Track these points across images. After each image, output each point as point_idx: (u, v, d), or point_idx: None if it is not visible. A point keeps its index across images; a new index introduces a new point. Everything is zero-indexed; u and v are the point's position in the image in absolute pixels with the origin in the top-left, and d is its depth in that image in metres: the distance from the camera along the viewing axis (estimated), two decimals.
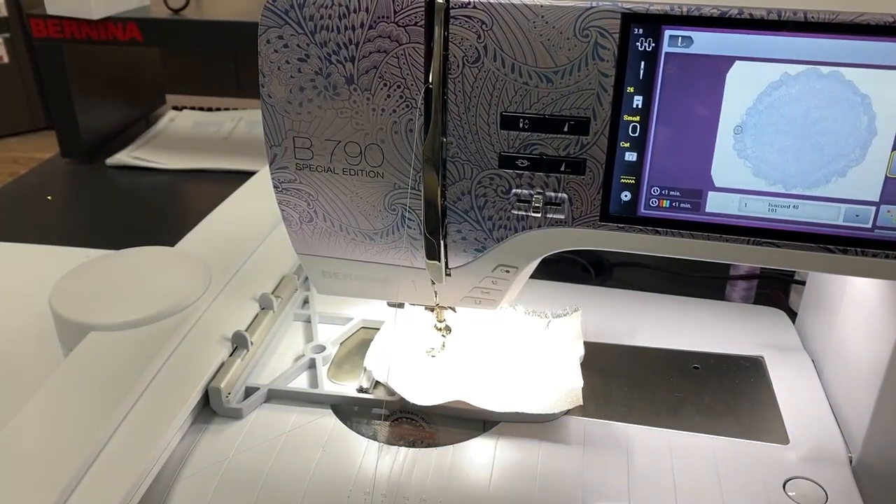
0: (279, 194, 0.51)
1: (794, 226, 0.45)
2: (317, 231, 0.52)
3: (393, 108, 0.46)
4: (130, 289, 0.66)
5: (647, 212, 0.46)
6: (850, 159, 0.43)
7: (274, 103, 0.47)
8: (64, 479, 0.48)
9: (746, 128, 0.43)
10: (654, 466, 0.55)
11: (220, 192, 0.93)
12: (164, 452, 0.53)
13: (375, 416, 0.60)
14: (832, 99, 0.42)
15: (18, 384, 0.63)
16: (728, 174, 0.44)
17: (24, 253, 0.88)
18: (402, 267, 0.52)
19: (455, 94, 0.45)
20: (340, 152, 0.48)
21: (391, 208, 0.49)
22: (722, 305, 0.76)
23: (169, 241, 0.77)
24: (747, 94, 0.43)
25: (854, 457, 0.56)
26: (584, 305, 0.71)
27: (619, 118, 0.44)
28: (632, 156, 0.45)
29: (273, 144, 0.49)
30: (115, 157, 1.20)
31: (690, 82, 0.43)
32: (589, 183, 0.46)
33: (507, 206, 0.48)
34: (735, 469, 0.55)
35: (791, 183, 0.44)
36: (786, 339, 0.69)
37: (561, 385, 0.60)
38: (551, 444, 0.57)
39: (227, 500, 0.52)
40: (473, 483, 0.53)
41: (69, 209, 1.10)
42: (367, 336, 0.68)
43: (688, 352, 0.68)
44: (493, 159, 0.46)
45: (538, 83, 0.44)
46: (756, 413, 0.61)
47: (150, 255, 0.72)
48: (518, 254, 0.50)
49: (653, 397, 0.62)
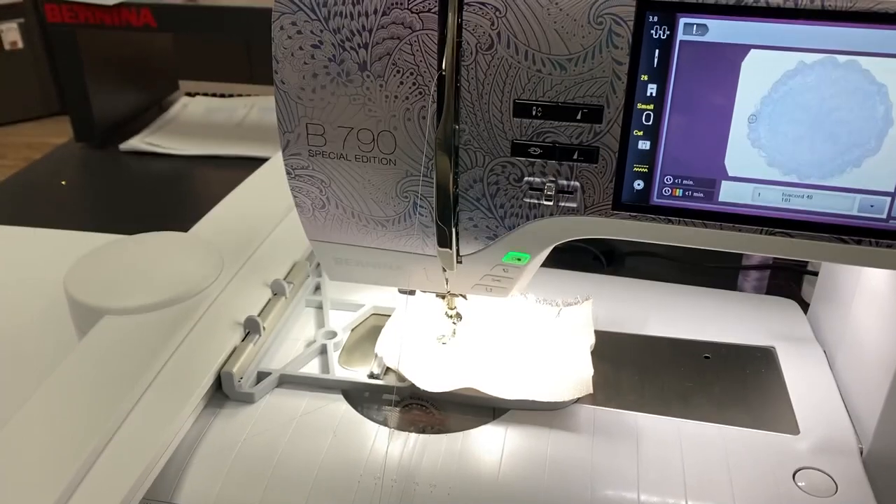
0: (292, 181, 0.51)
1: (808, 216, 0.45)
2: (329, 218, 0.52)
3: (406, 94, 0.46)
4: (144, 273, 0.67)
5: (659, 201, 0.46)
6: (865, 149, 0.42)
7: (287, 89, 0.48)
8: (78, 461, 0.48)
9: (761, 117, 0.43)
10: (664, 455, 0.55)
11: (233, 177, 0.93)
12: (176, 436, 0.54)
13: (386, 402, 0.61)
14: (848, 88, 0.41)
15: (33, 367, 0.64)
16: (742, 163, 0.44)
17: (39, 237, 0.88)
18: (414, 254, 0.52)
19: (468, 82, 0.45)
20: (353, 139, 0.48)
21: (403, 195, 0.49)
22: (734, 295, 0.76)
23: (182, 227, 0.77)
24: (762, 83, 0.42)
25: (864, 448, 0.56)
26: (596, 294, 0.71)
27: (632, 106, 0.44)
28: (645, 144, 0.45)
29: (286, 131, 0.49)
30: (128, 143, 1.20)
31: (705, 70, 0.43)
32: (602, 171, 0.46)
33: (520, 193, 0.48)
34: (745, 459, 0.55)
35: (805, 173, 0.44)
36: (798, 330, 0.69)
37: (571, 373, 0.60)
38: (561, 432, 0.57)
39: (239, 483, 0.53)
40: (483, 470, 0.54)
41: (83, 194, 1.11)
42: (378, 322, 0.68)
43: (699, 341, 0.68)
44: (506, 147, 0.46)
45: (551, 70, 0.44)
46: (767, 403, 0.61)
47: (163, 240, 0.72)
48: (530, 242, 0.50)
49: (663, 386, 0.62)
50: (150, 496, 0.51)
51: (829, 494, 0.52)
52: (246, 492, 0.52)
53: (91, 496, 0.47)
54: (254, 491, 0.52)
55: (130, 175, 1.15)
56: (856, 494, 0.52)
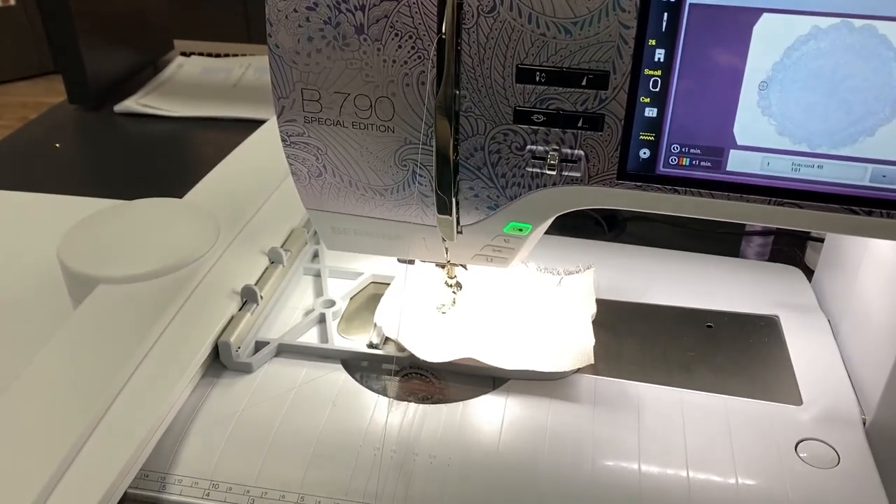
0: (287, 148, 0.50)
1: (818, 186, 0.43)
2: (326, 186, 0.51)
3: (404, 59, 0.44)
4: (139, 241, 0.66)
5: (666, 170, 0.45)
6: (879, 118, 0.41)
7: (281, 54, 0.46)
8: (74, 432, 0.48)
9: (772, 83, 0.41)
10: (665, 426, 0.55)
11: (229, 140, 0.91)
12: (173, 406, 0.53)
13: (385, 372, 0.60)
14: (864, 54, 0.40)
15: (27, 336, 0.63)
16: (751, 132, 0.43)
17: (33, 202, 0.87)
18: (413, 224, 0.51)
19: (469, 46, 0.43)
20: (350, 105, 0.47)
21: (402, 164, 0.48)
22: (737, 263, 0.75)
23: (177, 190, 0.76)
24: (774, 49, 0.41)
25: (868, 419, 0.56)
26: (597, 262, 0.70)
27: (639, 72, 0.42)
28: (652, 111, 0.43)
29: (281, 97, 0.47)
30: (122, 104, 1.18)
31: (715, 35, 0.41)
32: (607, 139, 0.44)
33: (522, 162, 0.46)
34: (747, 429, 0.54)
35: (816, 142, 0.42)
36: (802, 298, 0.68)
37: (572, 343, 0.60)
38: (562, 402, 0.57)
39: (238, 453, 0.52)
40: (483, 440, 0.53)
41: (78, 157, 1.09)
42: (377, 291, 0.68)
43: (701, 310, 0.67)
44: (508, 114, 0.45)
45: (556, 34, 0.42)
46: (769, 373, 0.60)
47: (158, 206, 0.71)
48: (532, 212, 0.48)
49: (665, 356, 0.62)
50: (147, 467, 0.51)
51: (831, 465, 0.52)
52: (244, 462, 0.52)
53: (88, 467, 0.47)
54: (252, 461, 0.52)
55: (125, 137, 1.13)
56: (858, 465, 0.52)
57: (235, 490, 0.50)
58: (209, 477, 0.51)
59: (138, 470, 0.50)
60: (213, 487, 0.51)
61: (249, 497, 0.50)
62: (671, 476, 0.51)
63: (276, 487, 0.50)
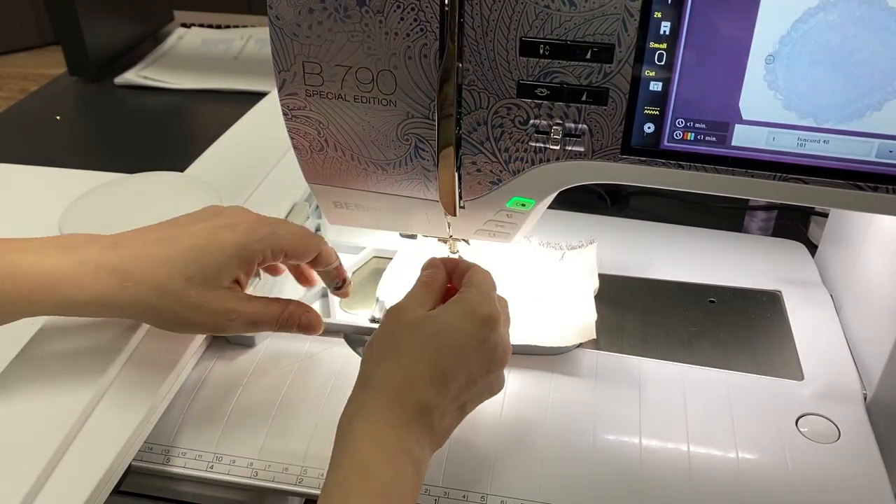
0: (289, 121, 0.49)
1: (824, 161, 0.43)
2: (328, 160, 0.50)
3: (406, 31, 0.44)
4: (141, 215, 0.65)
5: (670, 145, 0.44)
6: (886, 92, 0.41)
7: (282, 25, 0.45)
8: (78, 406, 0.48)
9: (779, 57, 0.41)
10: (667, 400, 0.55)
11: (230, 112, 0.91)
12: (176, 381, 0.54)
13: None
14: (873, 27, 0.39)
15: None
16: (757, 106, 0.42)
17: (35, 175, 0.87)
18: (415, 199, 0.51)
19: (472, 18, 0.43)
20: (351, 78, 0.46)
21: (404, 138, 0.48)
22: (740, 238, 0.75)
23: (178, 163, 0.76)
24: (782, 21, 0.40)
25: (868, 394, 0.56)
26: (600, 236, 0.70)
27: (644, 45, 0.42)
28: (657, 85, 0.43)
29: (282, 69, 0.47)
30: (123, 77, 1.17)
31: (722, 8, 0.40)
32: (611, 114, 0.44)
33: (525, 137, 0.46)
34: (748, 404, 0.55)
35: (823, 116, 0.42)
36: (805, 274, 0.68)
37: (574, 318, 0.60)
38: (563, 377, 0.57)
39: (240, 427, 0.53)
40: (485, 414, 0.54)
41: (78, 130, 1.09)
42: (379, 266, 0.68)
43: (704, 285, 0.67)
44: (511, 88, 0.44)
45: (560, 6, 0.42)
46: (771, 348, 0.60)
47: (160, 180, 0.71)
48: (535, 187, 0.48)
49: (667, 331, 0.62)
50: (151, 440, 0.51)
51: (831, 440, 0.52)
52: (247, 436, 0.52)
53: (93, 441, 0.47)
54: (255, 435, 0.52)
55: (126, 110, 1.12)
56: (858, 441, 0.52)
57: (239, 463, 0.51)
58: (213, 450, 0.51)
59: (143, 443, 0.50)
60: (217, 460, 0.51)
61: (252, 470, 0.50)
62: (672, 450, 0.51)
63: (278, 461, 0.51)
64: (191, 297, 0.48)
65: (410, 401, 0.44)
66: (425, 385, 0.44)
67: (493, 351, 0.48)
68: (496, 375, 0.49)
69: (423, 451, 0.43)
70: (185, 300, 0.48)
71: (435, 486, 0.49)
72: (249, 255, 0.49)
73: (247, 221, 0.50)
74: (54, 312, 0.48)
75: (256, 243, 0.50)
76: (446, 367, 0.45)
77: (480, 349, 0.47)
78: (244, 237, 0.49)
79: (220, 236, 0.49)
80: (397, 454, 0.42)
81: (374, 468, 0.41)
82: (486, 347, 0.47)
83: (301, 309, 0.52)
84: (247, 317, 0.50)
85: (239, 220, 0.50)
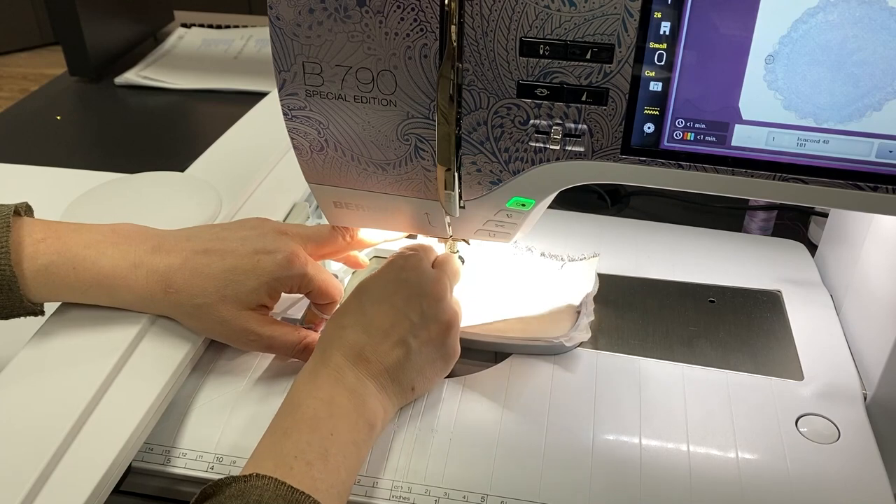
0: (289, 122, 0.49)
1: (824, 161, 0.43)
2: (328, 160, 0.50)
3: (406, 31, 0.44)
4: (142, 215, 0.65)
5: (670, 145, 0.44)
6: (886, 92, 0.41)
7: (282, 26, 0.45)
8: (79, 406, 0.48)
9: (779, 57, 0.41)
10: (667, 400, 0.55)
11: (230, 112, 0.91)
12: (177, 381, 0.54)
13: None
14: (873, 27, 0.39)
15: None
16: (756, 106, 0.42)
17: (35, 175, 0.87)
18: (415, 199, 0.51)
19: (472, 18, 0.43)
20: (352, 78, 0.46)
21: (404, 138, 0.48)
22: (740, 237, 0.75)
23: (178, 163, 0.76)
24: (781, 22, 0.40)
25: (868, 394, 0.56)
26: (599, 236, 0.70)
27: (644, 45, 0.42)
28: (657, 86, 0.43)
29: (282, 69, 0.47)
30: (123, 76, 1.18)
31: (721, 8, 0.40)
32: (611, 114, 0.44)
33: (525, 137, 0.46)
34: (748, 404, 0.55)
35: (823, 116, 0.42)
36: (805, 274, 0.68)
37: (572, 318, 0.60)
38: (563, 377, 0.57)
39: (240, 428, 0.53)
40: (484, 414, 0.54)
41: (79, 130, 1.09)
42: (379, 265, 0.67)
43: (704, 285, 0.67)
44: (511, 88, 0.44)
45: (560, 6, 0.42)
46: (771, 348, 0.60)
47: (160, 180, 0.71)
48: (535, 187, 0.48)
49: (667, 331, 0.62)
50: (151, 440, 0.51)
51: (831, 441, 0.52)
52: (247, 436, 0.52)
53: (93, 441, 0.47)
54: (255, 435, 0.52)
55: (126, 110, 1.13)
56: (858, 441, 0.52)
57: (239, 463, 0.51)
58: (213, 450, 0.51)
59: (143, 443, 0.50)
60: (217, 461, 0.51)
61: None
62: (672, 450, 0.51)
63: None
64: (220, 312, 0.52)
65: (341, 346, 0.50)
66: (352, 329, 0.51)
67: (418, 286, 0.53)
68: (433, 307, 0.53)
69: (363, 381, 0.49)
70: (214, 314, 0.53)
71: (435, 487, 0.49)
72: (280, 286, 0.54)
73: (285, 252, 0.54)
74: (103, 304, 0.54)
75: (289, 279, 0.54)
76: (368, 310, 0.51)
77: (401, 288, 0.52)
78: (280, 270, 0.54)
79: (261, 264, 0.53)
80: (328, 381, 0.48)
81: (304, 394, 0.47)
82: (407, 285, 0.53)
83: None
84: (265, 341, 0.54)
85: (279, 248, 0.54)
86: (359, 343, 0.50)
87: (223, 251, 0.53)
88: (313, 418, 0.46)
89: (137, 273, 0.52)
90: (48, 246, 0.51)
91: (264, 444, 0.46)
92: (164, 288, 0.52)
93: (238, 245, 0.54)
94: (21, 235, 0.50)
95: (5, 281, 0.49)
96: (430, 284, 0.53)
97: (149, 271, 0.52)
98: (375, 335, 0.50)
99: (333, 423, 0.46)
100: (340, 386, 0.48)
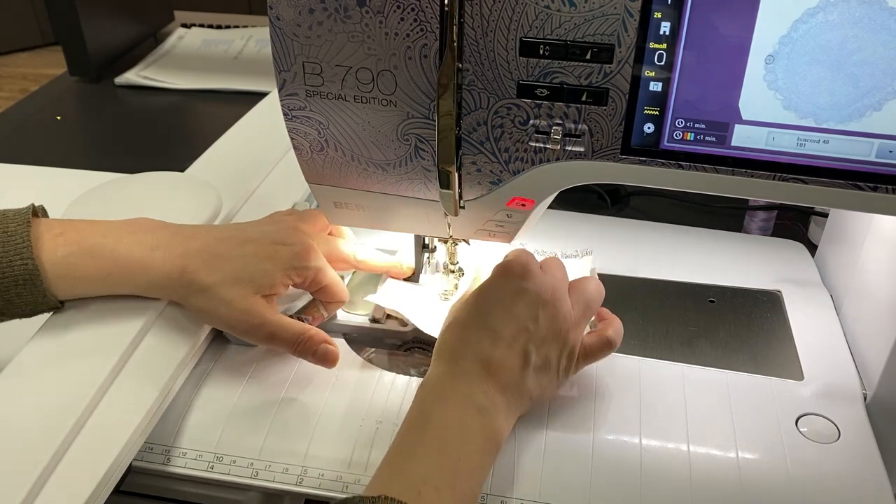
0: (289, 122, 0.49)
1: (824, 161, 0.43)
2: (328, 161, 0.50)
3: (406, 31, 0.44)
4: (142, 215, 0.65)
5: (670, 145, 0.44)
6: (886, 92, 0.41)
7: (282, 26, 0.45)
8: (79, 406, 0.48)
9: (779, 57, 0.41)
10: (667, 400, 0.55)
11: (230, 112, 0.91)
12: (178, 380, 0.54)
13: (388, 346, 0.60)
14: (873, 27, 0.39)
15: None
16: (756, 106, 0.42)
17: (35, 175, 0.87)
18: (415, 199, 0.51)
19: (472, 18, 0.43)
20: (352, 79, 0.46)
21: (404, 138, 0.48)
22: (740, 238, 0.75)
23: (179, 164, 0.76)
24: (781, 22, 0.40)
25: (868, 394, 0.56)
26: (599, 236, 0.70)
27: (644, 45, 0.42)
28: (657, 86, 0.43)
29: (282, 70, 0.47)
30: (123, 77, 1.17)
31: (721, 8, 0.40)
32: (611, 114, 0.44)
33: (525, 137, 0.46)
34: (748, 404, 0.55)
35: (823, 116, 0.42)
36: (805, 274, 0.68)
37: None
38: None
39: (241, 426, 0.53)
40: None
41: (79, 130, 1.09)
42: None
43: (704, 285, 0.67)
44: (511, 88, 0.44)
45: (560, 7, 0.42)
46: (771, 348, 0.60)
47: (160, 180, 0.71)
48: (535, 187, 0.48)
49: (667, 331, 0.62)
50: (152, 440, 0.51)
51: (831, 440, 0.52)
52: (247, 435, 0.52)
53: (93, 440, 0.47)
54: (255, 435, 0.52)
55: (126, 110, 1.13)
56: (858, 441, 0.52)
57: (239, 462, 0.51)
58: (213, 450, 0.51)
59: (143, 443, 0.50)
60: (217, 460, 0.51)
61: (253, 470, 0.50)
62: (672, 450, 0.51)
63: (279, 461, 0.51)
64: (229, 291, 0.53)
65: (467, 358, 0.50)
66: (478, 341, 0.50)
67: (537, 295, 0.52)
68: (552, 316, 0.52)
69: (491, 398, 0.48)
70: (222, 293, 0.53)
71: None
72: (294, 275, 0.55)
73: (304, 244, 0.56)
74: (121, 292, 0.54)
75: (305, 269, 0.56)
76: (492, 322, 0.51)
77: (520, 298, 0.52)
78: (298, 260, 0.55)
79: (279, 253, 0.55)
80: (457, 401, 0.47)
81: (433, 413, 0.47)
82: (526, 296, 0.52)
83: (320, 338, 0.55)
84: (268, 327, 0.54)
85: (298, 241, 0.56)
86: (485, 354, 0.49)
87: (243, 239, 0.55)
88: (441, 439, 0.45)
89: (155, 255, 0.53)
90: (66, 238, 0.52)
91: (390, 461, 0.45)
92: (182, 268, 0.53)
93: (258, 236, 0.56)
94: (40, 231, 0.52)
95: (28, 275, 0.50)
96: (549, 293, 0.52)
97: (167, 252, 0.53)
98: (500, 346, 0.50)
99: (463, 447, 0.45)
100: (470, 404, 0.47)
